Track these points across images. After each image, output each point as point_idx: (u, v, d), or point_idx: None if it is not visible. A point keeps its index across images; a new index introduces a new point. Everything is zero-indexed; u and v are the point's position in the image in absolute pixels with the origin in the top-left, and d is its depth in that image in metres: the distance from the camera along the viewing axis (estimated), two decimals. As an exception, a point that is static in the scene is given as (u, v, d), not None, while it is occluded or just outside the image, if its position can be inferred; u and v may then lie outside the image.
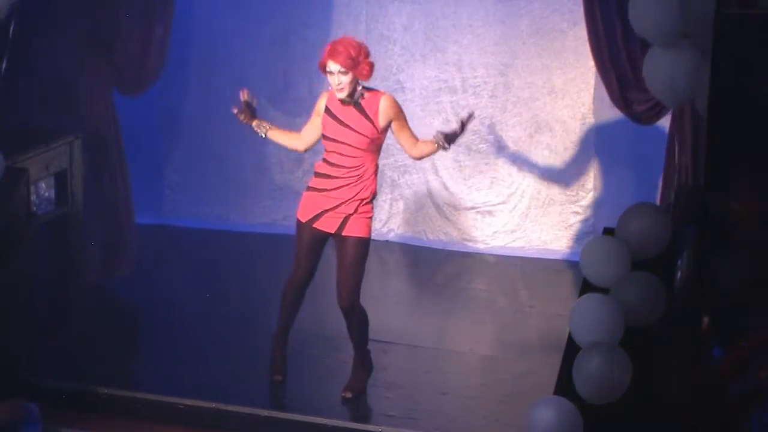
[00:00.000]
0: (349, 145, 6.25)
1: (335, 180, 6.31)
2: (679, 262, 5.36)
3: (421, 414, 6.42)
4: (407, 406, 6.51)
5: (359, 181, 6.30)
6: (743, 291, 4.65)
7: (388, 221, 8.86)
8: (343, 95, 6.20)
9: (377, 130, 6.25)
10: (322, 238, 6.45)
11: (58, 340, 7.11)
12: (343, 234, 6.36)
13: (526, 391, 6.55)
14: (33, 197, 6.99)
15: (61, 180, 7.25)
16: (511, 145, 8.52)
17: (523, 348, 7.26)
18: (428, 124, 8.62)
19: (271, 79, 8.47)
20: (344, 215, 6.33)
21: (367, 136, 6.23)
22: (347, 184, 6.30)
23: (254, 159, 9.01)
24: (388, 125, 6.30)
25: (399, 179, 8.80)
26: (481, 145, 8.58)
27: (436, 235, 8.77)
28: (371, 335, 7.06)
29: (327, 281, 7.67)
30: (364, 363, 6.65)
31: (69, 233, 7.36)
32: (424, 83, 8.61)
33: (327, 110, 6.30)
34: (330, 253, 6.60)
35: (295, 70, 8.62)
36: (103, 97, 7.73)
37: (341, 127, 6.26)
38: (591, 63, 7.40)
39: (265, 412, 6.40)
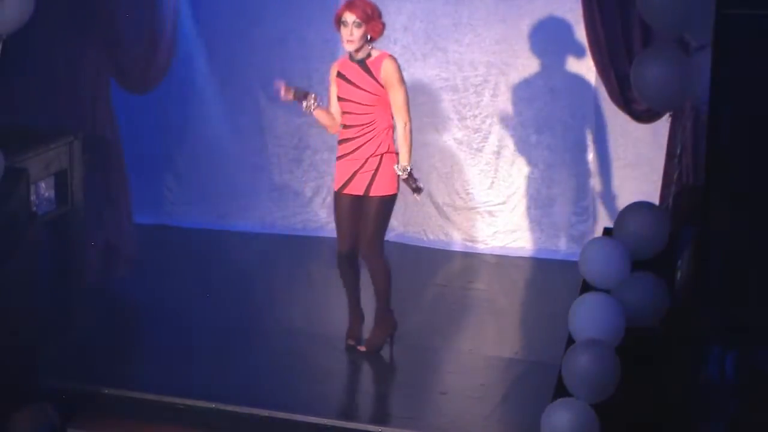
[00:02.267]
0: (357, 103, 6.65)
1: (354, 141, 6.71)
2: (679, 262, 5.35)
3: (421, 414, 6.42)
4: (407, 406, 6.51)
5: (375, 137, 6.67)
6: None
7: (388, 221, 8.86)
8: (352, 47, 6.61)
9: (381, 86, 6.62)
10: (355, 203, 6.76)
11: (59, 341, 7.10)
12: (370, 195, 6.70)
13: (527, 391, 6.55)
14: (33, 197, 6.98)
15: (61, 180, 7.24)
16: (511, 145, 8.52)
17: (523, 348, 7.26)
18: (429, 123, 8.62)
19: (271, 79, 8.44)
20: (371, 172, 6.67)
21: (372, 93, 6.62)
22: (365, 142, 6.68)
23: (254, 159, 9.01)
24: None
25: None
26: (481, 145, 8.57)
27: (436, 235, 8.77)
28: (371, 335, 7.06)
29: (326, 282, 7.69)
30: (384, 319, 6.93)
31: (69, 233, 7.36)
32: (425, 82, 8.60)
33: (339, 74, 6.75)
34: (324, 257, 6.59)
35: (295, 70, 8.60)
36: (103, 96, 7.72)
37: (349, 86, 6.67)
38: (591, 63, 7.39)
39: (265, 412, 6.39)
